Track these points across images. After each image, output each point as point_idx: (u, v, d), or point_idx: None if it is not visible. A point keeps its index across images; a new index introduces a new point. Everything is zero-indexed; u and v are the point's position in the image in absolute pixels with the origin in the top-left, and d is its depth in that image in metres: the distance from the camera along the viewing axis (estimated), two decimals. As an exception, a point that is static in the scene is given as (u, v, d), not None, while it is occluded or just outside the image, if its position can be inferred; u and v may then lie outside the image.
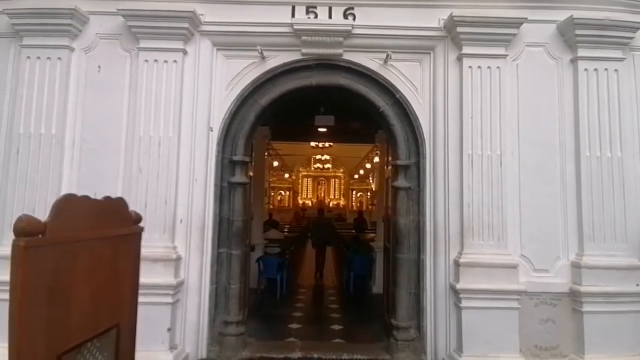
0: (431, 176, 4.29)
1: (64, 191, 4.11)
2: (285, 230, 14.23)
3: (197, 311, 4.14)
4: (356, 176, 22.37)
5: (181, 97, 4.16)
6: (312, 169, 23.15)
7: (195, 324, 4.12)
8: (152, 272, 3.85)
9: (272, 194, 22.90)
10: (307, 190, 23.62)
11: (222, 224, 4.34)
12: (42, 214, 4.02)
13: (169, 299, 3.89)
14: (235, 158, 4.38)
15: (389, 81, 4.38)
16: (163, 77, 4.12)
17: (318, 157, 21.22)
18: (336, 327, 5.51)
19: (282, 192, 23.59)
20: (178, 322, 4.03)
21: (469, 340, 3.82)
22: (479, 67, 4.11)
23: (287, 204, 23.31)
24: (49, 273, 1.08)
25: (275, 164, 17.45)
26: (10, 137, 4.08)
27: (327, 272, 10.10)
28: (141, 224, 3.94)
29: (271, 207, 21.45)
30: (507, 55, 4.14)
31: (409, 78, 4.38)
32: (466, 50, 4.12)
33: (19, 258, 1.01)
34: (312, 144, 13.85)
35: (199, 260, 4.18)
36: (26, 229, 1.06)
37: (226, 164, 4.39)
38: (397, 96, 4.39)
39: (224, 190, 4.36)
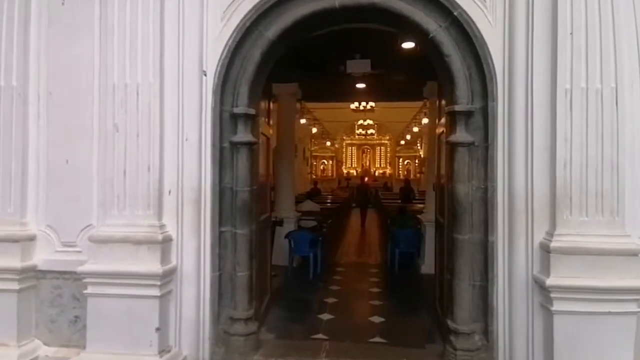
0: (505, 126, 3.06)
1: (31, 155, 3.37)
2: (328, 201, 13.36)
3: (196, 305, 3.28)
4: (402, 142, 21.20)
5: (162, 32, 3.17)
6: (356, 136, 22.16)
7: (194, 321, 3.28)
8: (135, 257, 3.06)
9: (315, 163, 22.16)
10: (351, 159, 22.78)
11: (223, 195, 3.39)
12: (7, 183, 3.29)
13: (156, 291, 3.05)
14: (236, 110, 3.37)
15: (443, -7, 3.10)
16: (138, 6, 3.14)
17: (361, 122, 19.96)
18: (376, 319, 4.51)
19: (325, 162, 22.80)
20: (171, 319, 3.21)
21: (563, 356, 2.67)
22: (585, -45, 2.72)
23: (330, 174, 22.62)
24: None
25: (314, 130, 16.30)
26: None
27: (369, 248, 9.13)
28: (119, 195, 3.15)
29: (314, 177, 20.84)
30: None
31: (473, -14, 3.08)
32: None
33: None
34: (352, 106, 12.52)
35: (195, 242, 3.29)
36: None
37: (226, 119, 3.39)
38: (455, 13, 3.11)
39: (224, 153, 3.39)
